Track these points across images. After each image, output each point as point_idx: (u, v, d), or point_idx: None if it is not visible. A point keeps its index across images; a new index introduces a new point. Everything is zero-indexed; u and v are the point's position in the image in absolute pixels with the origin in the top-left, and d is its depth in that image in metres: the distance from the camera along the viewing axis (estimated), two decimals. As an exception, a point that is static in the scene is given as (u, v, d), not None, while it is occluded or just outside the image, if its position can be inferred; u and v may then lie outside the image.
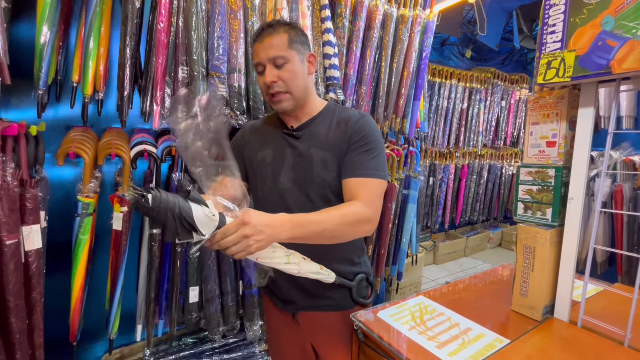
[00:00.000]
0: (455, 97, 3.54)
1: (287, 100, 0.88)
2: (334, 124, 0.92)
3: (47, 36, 1.01)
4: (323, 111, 0.95)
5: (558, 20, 0.80)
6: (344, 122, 0.91)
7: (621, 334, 0.76)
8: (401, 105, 1.74)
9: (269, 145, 0.95)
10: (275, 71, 0.85)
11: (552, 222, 0.87)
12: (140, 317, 1.33)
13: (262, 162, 0.94)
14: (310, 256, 0.86)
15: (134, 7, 1.11)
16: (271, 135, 0.97)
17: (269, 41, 0.85)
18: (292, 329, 0.99)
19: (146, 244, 1.29)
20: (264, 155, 0.94)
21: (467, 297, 1.03)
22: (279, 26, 0.87)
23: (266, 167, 0.94)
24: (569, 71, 0.78)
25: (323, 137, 0.91)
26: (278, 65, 0.86)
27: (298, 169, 0.90)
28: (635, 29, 0.68)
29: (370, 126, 0.90)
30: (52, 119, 1.27)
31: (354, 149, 0.88)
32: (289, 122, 0.95)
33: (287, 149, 0.93)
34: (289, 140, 0.93)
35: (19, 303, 0.90)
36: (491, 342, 0.77)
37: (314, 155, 0.89)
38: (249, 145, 0.98)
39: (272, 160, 0.93)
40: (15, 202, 0.88)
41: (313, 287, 0.93)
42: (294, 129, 0.93)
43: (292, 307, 0.97)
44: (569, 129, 0.86)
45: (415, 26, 1.68)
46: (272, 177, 0.92)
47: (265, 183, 0.93)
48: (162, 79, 1.18)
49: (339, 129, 0.91)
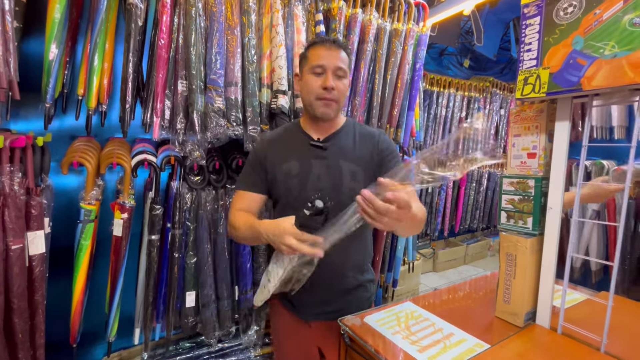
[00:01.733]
0: (454, 105, 3.58)
1: (334, 109, 0.94)
2: (358, 138, 0.99)
3: (55, 53, 1.07)
4: (345, 125, 1.01)
5: (534, 39, 0.84)
6: (369, 138, 1.00)
7: (598, 340, 0.78)
8: (395, 115, 1.79)
9: (294, 157, 0.97)
10: (335, 80, 0.92)
11: (533, 231, 0.90)
12: (139, 321, 1.37)
13: (287, 174, 0.95)
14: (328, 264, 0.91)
15: (137, 25, 1.18)
16: (296, 147, 0.98)
17: (338, 53, 0.93)
18: (302, 332, 1.01)
19: (145, 250, 1.33)
20: (290, 167, 0.96)
21: (454, 303, 1.06)
22: (344, 46, 0.95)
23: (292, 178, 0.95)
24: (544, 87, 0.82)
25: (350, 150, 0.97)
26: (338, 76, 0.93)
27: (326, 180, 0.94)
28: (603, 49, 0.72)
29: (390, 141, 1.03)
30: (58, 130, 1.33)
31: (389, 160, 0.98)
32: (313, 133, 0.98)
33: (313, 160, 0.95)
34: (316, 152, 0.96)
35: (23, 305, 0.94)
36: (471, 347, 0.79)
37: (343, 167, 0.95)
38: (272, 157, 0.99)
39: (298, 172, 0.95)
40: (21, 209, 0.93)
41: (332, 297, 0.98)
42: (320, 141, 0.97)
43: (307, 315, 1.00)
44: (548, 141, 0.90)
45: (408, 39, 1.74)
46: (298, 189, 0.94)
47: (290, 194, 0.95)
48: (162, 92, 1.24)
49: (365, 144, 0.99)
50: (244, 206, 0.98)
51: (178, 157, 1.35)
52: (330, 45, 0.93)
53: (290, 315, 1.02)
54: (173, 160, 1.36)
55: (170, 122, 1.28)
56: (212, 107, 1.27)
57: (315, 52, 0.93)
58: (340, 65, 0.92)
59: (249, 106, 1.35)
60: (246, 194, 0.99)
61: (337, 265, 0.96)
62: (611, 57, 0.71)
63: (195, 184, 1.40)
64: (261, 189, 1.00)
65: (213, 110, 1.27)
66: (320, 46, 0.93)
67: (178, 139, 1.29)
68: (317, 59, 0.92)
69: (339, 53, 0.93)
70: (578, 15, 0.76)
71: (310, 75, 0.94)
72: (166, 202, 1.38)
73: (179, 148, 1.32)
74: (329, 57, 0.92)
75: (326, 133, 0.99)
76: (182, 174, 1.38)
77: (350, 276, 1.00)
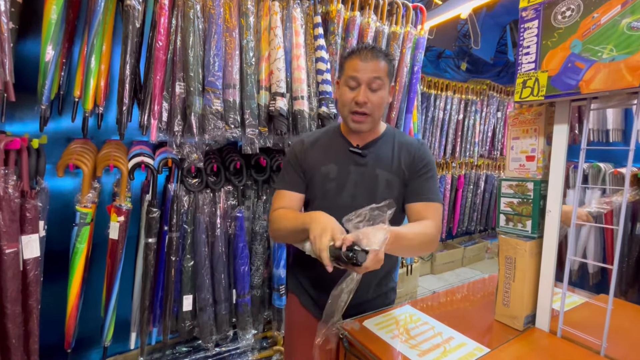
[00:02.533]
0: (451, 108, 3.59)
1: (367, 123, 0.93)
2: (397, 148, 0.99)
3: (51, 54, 1.06)
4: (385, 134, 1.01)
5: (532, 43, 0.85)
6: (406, 148, 0.99)
7: (598, 343, 0.78)
8: (393, 117, 1.79)
9: (333, 161, 0.97)
10: (369, 93, 0.90)
11: (532, 234, 0.90)
12: (135, 325, 1.35)
13: (325, 177, 0.96)
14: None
15: (135, 26, 1.17)
16: (335, 151, 0.99)
17: (374, 63, 0.89)
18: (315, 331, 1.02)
19: (142, 253, 1.32)
20: (328, 170, 0.96)
21: (453, 306, 1.05)
22: (383, 53, 0.92)
23: (330, 182, 0.96)
24: (543, 90, 0.82)
25: (388, 159, 0.97)
26: (373, 89, 0.90)
27: (361, 187, 0.95)
28: (601, 53, 0.72)
29: (429, 153, 1.01)
30: (54, 131, 1.32)
31: (420, 175, 0.97)
32: (353, 140, 0.98)
33: (351, 166, 0.96)
34: (354, 158, 0.96)
35: (16, 309, 0.93)
36: (471, 351, 0.79)
37: (379, 176, 0.95)
38: (311, 158, 0.99)
39: (336, 176, 0.96)
40: (15, 212, 0.92)
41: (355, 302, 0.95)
42: (359, 147, 0.97)
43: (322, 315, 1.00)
44: (547, 144, 0.90)
45: (406, 42, 1.74)
46: (334, 192, 0.95)
47: (326, 197, 0.96)
48: (160, 94, 1.23)
49: (403, 155, 0.98)
50: (284, 205, 0.98)
51: (175, 159, 1.35)
52: (366, 55, 0.89)
53: (307, 313, 1.03)
54: (170, 163, 1.35)
55: (168, 124, 1.27)
56: (210, 109, 1.26)
57: (351, 63, 0.91)
58: (376, 76, 0.89)
59: (247, 108, 1.34)
60: (286, 193, 0.99)
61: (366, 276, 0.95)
62: (609, 61, 0.71)
63: (193, 186, 1.39)
64: (301, 189, 1.00)
65: (211, 112, 1.26)
66: (356, 57, 0.91)
67: (176, 141, 1.28)
68: (352, 70, 0.90)
69: (376, 63, 0.89)
70: (576, 19, 0.76)
71: (344, 88, 0.92)
72: (163, 204, 1.37)
73: (177, 150, 1.31)
74: (364, 69, 0.89)
75: (365, 140, 0.99)
76: (180, 176, 1.37)
77: (375, 286, 1.01)
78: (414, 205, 0.96)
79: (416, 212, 0.95)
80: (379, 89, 0.91)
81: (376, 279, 1.01)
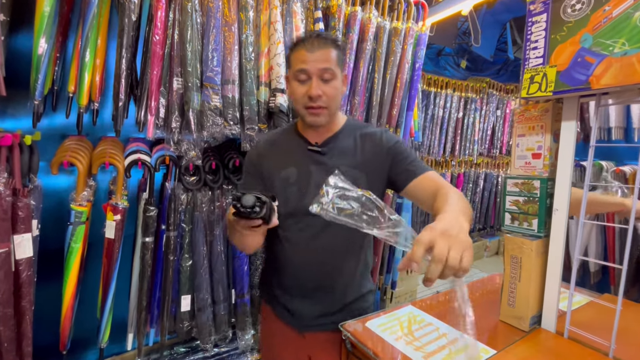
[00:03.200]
0: (451, 106, 3.58)
1: (324, 116, 0.87)
2: (359, 141, 0.93)
3: (44, 48, 1.03)
4: (345, 126, 0.95)
5: (540, 37, 0.82)
6: (370, 138, 0.93)
7: (606, 344, 0.76)
8: (394, 115, 1.77)
9: (292, 163, 0.91)
10: (322, 85, 0.83)
11: (538, 233, 0.88)
12: (132, 326, 1.33)
13: (285, 181, 0.90)
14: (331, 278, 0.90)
15: (131, 20, 1.14)
16: (293, 152, 0.93)
17: (322, 53, 0.82)
18: (294, 342, 0.97)
19: (139, 252, 1.29)
20: (288, 174, 0.90)
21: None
22: (330, 40, 0.85)
23: (290, 186, 0.89)
24: (551, 86, 0.80)
25: (351, 153, 0.91)
26: (325, 80, 0.84)
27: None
28: (612, 47, 0.70)
29: (395, 136, 0.96)
30: (48, 128, 1.28)
31: (401, 160, 0.91)
32: (311, 137, 0.92)
33: (312, 167, 0.90)
34: (314, 157, 0.90)
35: (8, 312, 0.90)
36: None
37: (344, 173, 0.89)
38: (268, 162, 0.93)
39: (296, 179, 0.89)
40: (7, 211, 0.89)
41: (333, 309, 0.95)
42: (318, 145, 0.91)
43: (304, 325, 0.96)
44: (554, 141, 0.88)
45: (408, 39, 1.72)
46: (297, 197, 0.88)
47: (289, 203, 0.89)
48: (157, 90, 1.20)
49: (367, 145, 0.92)
50: None
51: (173, 156, 1.32)
52: (312, 44, 0.83)
53: (283, 325, 0.98)
54: (168, 160, 1.32)
55: (165, 121, 1.24)
56: (209, 106, 1.23)
57: (297, 55, 0.84)
58: (326, 67, 0.83)
59: (246, 105, 1.31)
60: None
61: (339, 277, 0.93)
62: (621, 55, 0.69)
63: (191, 184, 1.36)
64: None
65: (209, 108, 1.23)
66: (302, 48, 0.83)
67: (173, 138, 1.25)
68: (299, 62, 0.83)
69: (324, 52, 0.83)
70: (586, 12, 0.74)
71: (294, 82, 0.86)
72: (160, 203, 1.35)
73: (174, 147, 1.28)
74: (312, 60, 0.82)
75: (324, 136, 0.92)
76: (177, 174, 1.35)
77: (352, 288, 0.97)
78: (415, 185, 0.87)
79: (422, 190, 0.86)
80: (332, 79, 0.85)
81: (352, 281, 0.96)
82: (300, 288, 0.94)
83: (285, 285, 0.97)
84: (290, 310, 0.96)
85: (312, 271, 0.92)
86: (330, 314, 0.95)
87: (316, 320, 0.95)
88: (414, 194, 0.89)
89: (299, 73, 0.84)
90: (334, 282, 0.93)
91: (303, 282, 0.93)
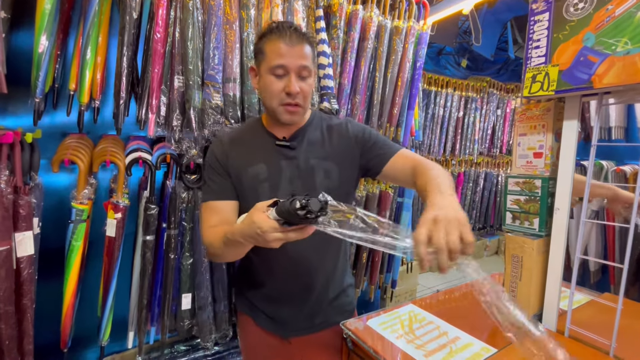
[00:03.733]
0: (451, 105, 3.58)
1: (299, 114, 0.85)
2: (326, 133, 0.92)
3: (45, 45, 1.03)
4: (311, 119, 0.93)
5: (542, 36, 0.82)
6: (336, 130, 0.93)
7: (607, 343, 0.77)
8: (395, 114, 1.77)
9: (260, 159, 0.88)
10: (299, 82, 0.81)
11: (539, 232, 0.88)
12: (132, 324, 1.33)
13: (255, 179, 0.86)
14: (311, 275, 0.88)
15: (132, 18, 1.14)
16: (260, 148, 0.89)
17: (301, 49, 0.80)
18: (281, 350, 0.95)
19: (139, 251, 1.29)
20: (257, 171, 0.87)
21: (458, 305, 1.04)
22: (306, 37, 0.82)
23: (261, 183, 0.86)
24: (553, 85, 0.80)
25: (320, 145, 0.90)
26: (302, 77, 0.81)
27: (298, 182, 0.87)
28: (615, 46, 0.70)
29: (363, 126, 0.95)
30: (48, 126, 1.28)
31: (371, 147, 0.90)
32: (278, 132, 0.90)
33: (282, 162, 0.87)
34: (283, 152, 0.88)
35: (9, 309, 0.90)
36: (478, 352, 0.77)
37: (316, 167, 0.88)
38: (234, 160, 0.88)
39: (267, 176, 0.86)
40: (8, 209, 0.89)
41: (318, 309, 0.93)
42: (286, 139, 0.89)
43: (291, 331, 0.93)
44: (555, 141, 0.88)
45: (409, 37, 1.72)
46: (269, 194, 0.85)
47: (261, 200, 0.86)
48: (158, 88, 1.20)
49: (334, 137, 0.91)
50: (219, 219, 0.84)
51: (174, 155, 1.32)
52: (290, 38, 0.78)
53: (266, 334, 0.94)
54: (169, 159, 1.32)
55: (166, 119, 1.24)
56: (210, 104, 1.23)
57: (274, 48, 0.79)
58: (305, 64, 0.80)
59: (247, 103, 1.31)
60: (218, 204, 0.86)
61: (321, 274, 0.91)
62: (624, 54, 0.69)
63: (192, 182, 1.36)
64: (232, 194, 0.88)
65: (211, 106, 1.23)
66: (279, 40, 0.78)
67: (174, 136, 1.25)
68: (277, 57, 0.78)
69: (302, 48, 0.79)
70: (589, 11, 0.74)
71: (269, 77, 0.81)
72: (161, 201, 1.34)
73: (175, 146, 1.28)
74: (292, 55, 0.78)
75: (291, 130, 0.89)
76: (178, 172, 1.35)
77: (333, 284, 0.95)
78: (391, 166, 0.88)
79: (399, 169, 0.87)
80: (309, 76, 0.82)
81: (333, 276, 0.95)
82: (281, 290, 0.92)
83: (265, 291, 0.93)
84: (272, 317, 0.93)
85: (291, 270, 0.90)
86: (314, 314, 0.93)
87: (302, 323, 0.93)
88: (391, 175, 0.89)
89: (277, 68, 0.79)
90: (315, 279, 0.91)
91: (283, 283, 0.91)
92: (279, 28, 0.80)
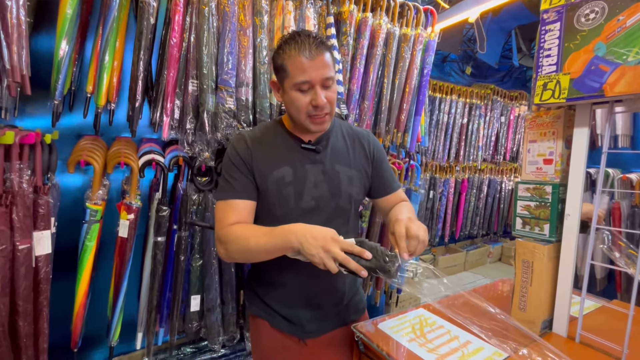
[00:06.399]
0: (456, 112, 3.60)
1: (328, 121, 0.85)
2: (348, 140, 0.95)
3: (65, 50, 1.05)
4: (333, 125, 0.94)
5: (553, 45, 0.84)
6: (358, 140, 0.96)
7: (618, 349, 0.77)
8: (403, 120, 1.78)
9: (285, 162, 0.87)
10: (325, 92, 0.80)
11: (550, 238, 0.89)
12: (142, 325, 1.34)
13: (280, 181, 0.85)
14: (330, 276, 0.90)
15: (149, 23, 1.17)
16: (285, 150, 0.88)
17: (322, 59, 0.78)
18: (296, 352, 0.94)
19: (150, 252, 1.31)
20: (283, 173, 0.86)
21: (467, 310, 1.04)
22: (324, 45, 0.81)
23: (286, 186, 0.85)
24: (564, 93, 0.82)
25: (344, 153, 0.92)
26: (326, 87, 0.81)
27: (323, 187, 0.87)
28: (626, 55, 0.72)
29: (380, 145, 1.00)
30: (64, 127, 1.30)
31: (379, 164, 0.97)
32: (303, 136, 0.89)
33: (307, 165, 0.87)
34: (309, 155, 0.88)
35: (28, 307, 0.91)
36: (490, 356, 0.78)
37: (341, 172, 0.90)
38: (259, 161, 0.86)
39: (293, 179, 0.86)
40: (29, 208, 0.90)
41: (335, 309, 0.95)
42: (312, 143, 0.89)
43: (309, 332, 0.93)
44: (565, 148, 0.89)
45: (417, 45, 1.74)
46: (294, 197, 0.85)
47: (286, 203, 0.86)
48: (172, 92, 1.23)
49: (357, 147, 0.95)
50: (240, 218, 0.82)
51: (186, 157, 1.34)
52: (310, 50, 0.77)
53: (282, 336, 0.93)
54: (181, 161, 1.34)
55: (180, 122, 1.26)
56: (223, 108, 1.25)
57: (296, 64, 0.78)
58: (328, 76, 0.79)
59: (259, 107, 1.34)
60: (238, 203, 0.83)
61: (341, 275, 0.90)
62: (635, 64, 0.70)
63: (203, 185, 1.38)
64: (254, 195, 0.86)
65: (224, 110, 1.25)
66: (300, 55, 0.77)
67: (187, 139, 1.27)
68: (301, 73, 0.78)
69: (322, 58, 0.78)
70: (600, 21, 0.76)
71: (295, 93, 0.80)
72: (172, 203, 1.36)
73: (188, 148, 1.30)
74: (314, 68, 0.77)
75: (316, 135, 0.89)
76: (190, 174, 1.36)
77: (350, 284, 0.97)
78: (387, 199, 1.00)
79: (389, 204, 1.00)
80: (333, 84, 0.82)
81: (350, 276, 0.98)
82: (303, 292, 0.92)
83: (284, 293, 0.93)
84: (290, 319, 0.92)
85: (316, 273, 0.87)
86: (334, 314, 0.95)
87: (320, 323, 0.94)
88: (381, 204, 1.01)
89: (302, 84, 0.79)
90: (337, 281, 0.93)
91: (306, 286, 0.92)
92: (297, 41, 0.79)
